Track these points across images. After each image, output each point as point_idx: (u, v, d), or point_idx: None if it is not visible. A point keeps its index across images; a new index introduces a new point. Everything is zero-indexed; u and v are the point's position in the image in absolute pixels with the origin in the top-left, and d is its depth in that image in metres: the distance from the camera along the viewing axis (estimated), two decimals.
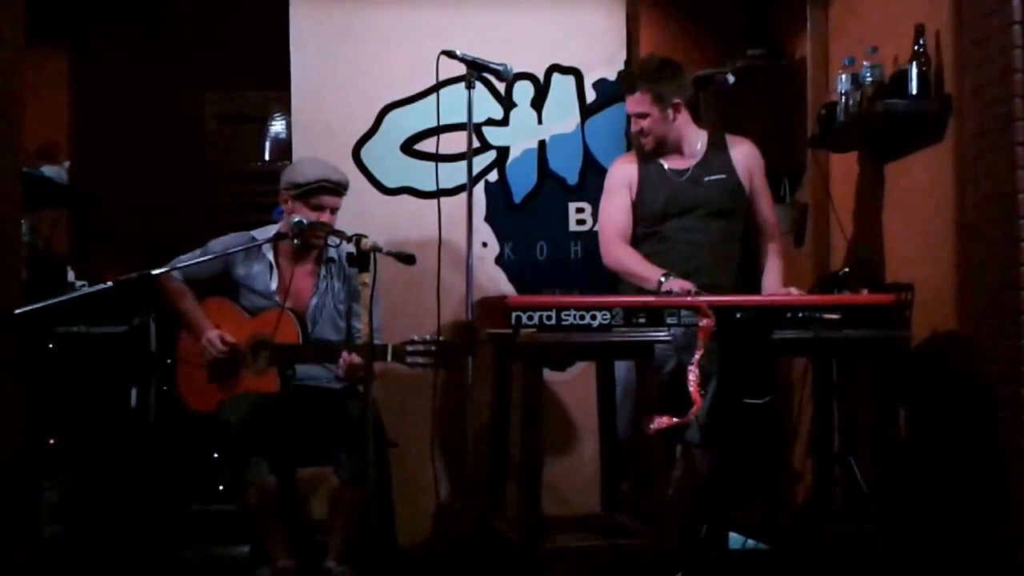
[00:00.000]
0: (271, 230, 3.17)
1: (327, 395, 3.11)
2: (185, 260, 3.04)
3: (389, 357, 2.91)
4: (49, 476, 3.37)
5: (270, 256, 3.15)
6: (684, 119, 3.17)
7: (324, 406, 3.06)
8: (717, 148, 3.19)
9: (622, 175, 3.20)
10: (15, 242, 2.98)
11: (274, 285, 3.12)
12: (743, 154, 3.20)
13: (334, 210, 3.09)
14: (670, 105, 3.12)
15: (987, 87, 2.68)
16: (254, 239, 3.12)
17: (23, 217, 3.18)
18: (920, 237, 3.09)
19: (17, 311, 2.55)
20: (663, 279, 2.93)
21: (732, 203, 3.16)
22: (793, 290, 3.04)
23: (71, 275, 3.72)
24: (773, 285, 3.16)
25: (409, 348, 2.90)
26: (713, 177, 3.15)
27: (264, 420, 2.94)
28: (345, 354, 2.97)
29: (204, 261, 3.00)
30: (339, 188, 3.10)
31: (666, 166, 3.18)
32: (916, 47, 2.93)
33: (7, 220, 2.85)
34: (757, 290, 3.19)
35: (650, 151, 3.18)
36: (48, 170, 3.90)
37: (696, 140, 3.20)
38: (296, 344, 3.01)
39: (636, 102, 3.13)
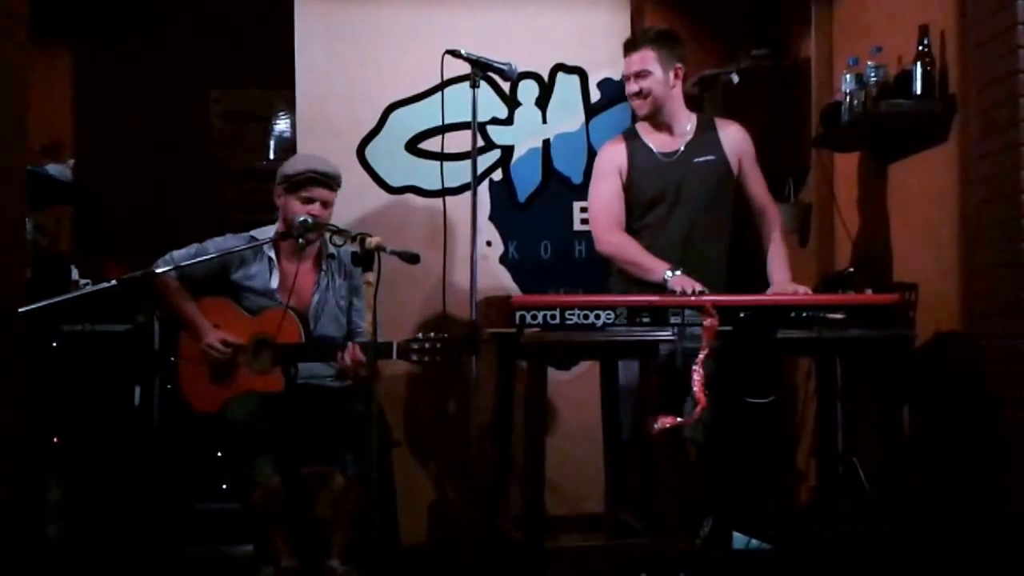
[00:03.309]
0: (271, 230, 3.16)
1: (330, 394, 3.11)
2: (180, 257, 3.04)
3: (395, 355, 2.91)
4: (52, 475, 3.37)
5: (271, 254, 3.15)
6: (679, 94, 3.16)
7: (328, 405, 3.06)
8: (706, 130, 3.17)
9: (611, 160, 3.17)
10: (19, 240, 2.98)
11: (274, 284, 3.12)
12: (732, 136, 3.18)
13: (325, 204, 3.07)
14: (671, 68, 3.10)
15: (991, 87, 2.68)
16: (254, 239, 3.11)
17: (27, 215, 3.18)
18: (924, 237, 3.09)
19: (21, 309, 2.56)
20: (670, 274, 2.92)
21: (721, 186, 3.14)
22: (801, 288, 3.02)
23: (75, 273, 3.72)
24: (780, 277, 3.12)
25: (414, 345, 2.90)
26: (702, 159, 3.13)
27: (268, 419, 2.95)
28: (349, 347, 2.96)
29: (202, 261, 3.00)
30: (327, 179, 3.08)
31: (655, 148, 3.15)
32: (920, 47, 2.93)
33: (11, 218, 2.85)
34: (755, 279, 3.16)
35: (646, 116, 3.14)
36: (52, 168, 3.90)
37: (686, 121, 3.18)
38: (299, 342, 3.01)
39: (638, 60, 3.09)
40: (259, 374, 3.02)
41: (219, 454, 3.15)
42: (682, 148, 3.14)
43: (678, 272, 2.92)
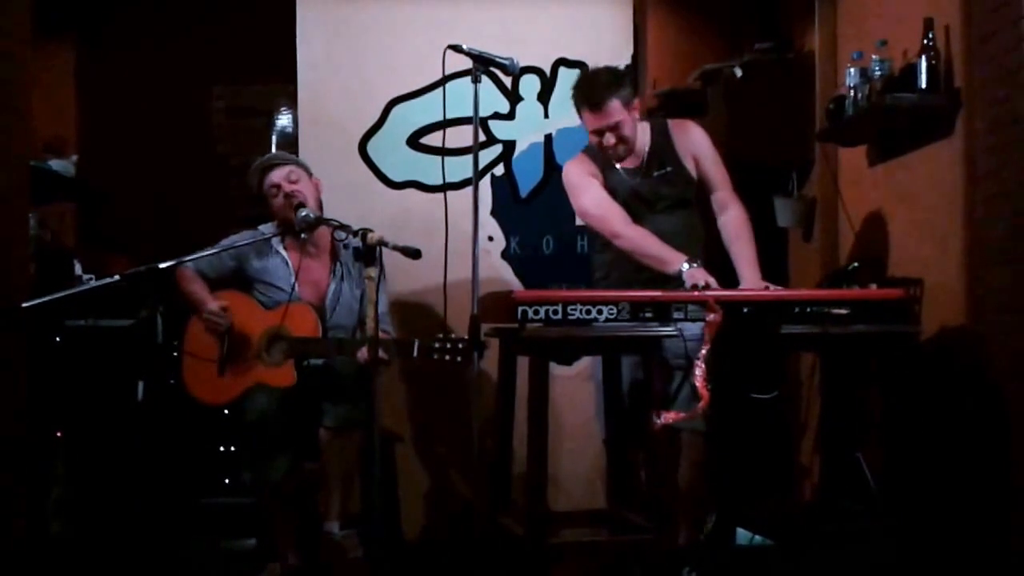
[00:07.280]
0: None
1: (330, 366, 3.10)
2: (194, 257, 3.04)
3: (415, 352, 2.91)
4: (56, 470, 3.38)
5: (281, 249, 3.16)
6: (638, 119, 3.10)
7: (323, 374, 3.06)
8: (661, 139, 3.13)
9: (587, 170, 3.12)
10: (23, 236, 2.99)
11: (290, 278, 3.13)
12: (684, 139, 3.13)
13: (292, 181, 3.10)
14: (632, 106, 3.04)
15: (996, 81, 2.66)
16: (262, 234, 3.14)
17: (31, 211, 3.19)
18: (929, 231, 3.07)
19: (25, 305, 2.56)
20: (687, 266, 2.88)
21: (685, 193, 3.12)
22: (772, 286, 2.96)
23: (78, 268, 3.73)
24: (750, 274, 3.00)
25: (436, 345, 2.90)
26: (660, 172, 3.10)
27: (284, 416, 2.94)
28: (363, 351, 2.96)
29: (212, 255, 3.01)
30: (273, 160, 3.15)
31: (619, 167, 3.11)
32: (925, 41, 2.92)
33: (15, 214, 2.87)
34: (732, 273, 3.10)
35: (622, 157, 3.08)
36: (56, 164, 3.91)
37: (643, 135, 3.12)
38: (313, 338, 3.02)
39: (610, 113, 2.99)
40: (272, 368, 3.02)
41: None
42: (644, 163, 3.10)
43: (695, 264, 2.89)
